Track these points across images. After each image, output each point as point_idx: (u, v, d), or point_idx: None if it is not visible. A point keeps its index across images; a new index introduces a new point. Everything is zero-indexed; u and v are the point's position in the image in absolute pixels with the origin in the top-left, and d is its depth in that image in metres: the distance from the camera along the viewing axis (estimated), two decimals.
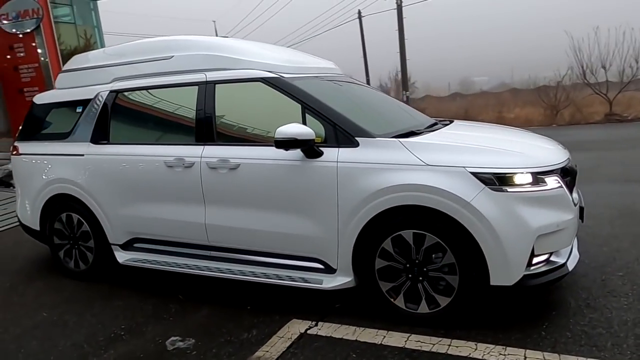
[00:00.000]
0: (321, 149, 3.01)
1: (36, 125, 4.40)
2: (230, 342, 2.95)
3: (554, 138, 3.65)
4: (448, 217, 2.68)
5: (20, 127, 4.52)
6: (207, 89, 3.48)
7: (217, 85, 3.46)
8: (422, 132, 3.21)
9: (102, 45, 16.86)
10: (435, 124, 3.67)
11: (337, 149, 2.99)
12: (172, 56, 3.71)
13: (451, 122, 3.96)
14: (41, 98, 4.44)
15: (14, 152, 4.44)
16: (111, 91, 3.92)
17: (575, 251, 3.03)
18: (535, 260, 2.70)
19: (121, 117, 3.90)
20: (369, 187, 2.85)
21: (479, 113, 23.30)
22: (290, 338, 2.90)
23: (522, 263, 2.63)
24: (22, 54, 9.17)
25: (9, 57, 9.15)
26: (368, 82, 23.90)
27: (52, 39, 9.12)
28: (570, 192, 2.97)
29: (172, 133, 3.73)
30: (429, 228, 2.76)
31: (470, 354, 2.55)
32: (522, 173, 2.67)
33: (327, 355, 2.68)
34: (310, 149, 2.98)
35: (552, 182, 2.72)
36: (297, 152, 3.02)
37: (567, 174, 2.91)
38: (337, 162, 2.95)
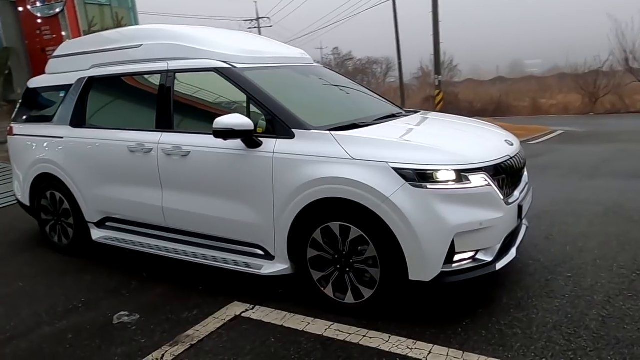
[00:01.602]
0: (261, 139, 3.09)
1: (28, 107, 4.70)
2: (170, 320, 3.12)
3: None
4: (370, 211, 2.72)
5: (16, 109, 4.83)
6: (167, 78, 3.61)
7: (176, 74, 3.58)
8: (367, 125, 3.22)
9: None
10: (393, 115, 3.66)
11: (275, 139, 3.06)
12: (141, 45, 3.85)
13: (416, 112, 3.95)
14: (33, 82, 4.73)
15: (9, 133, 4.76)
16: (88, 77, 4.12)
17: (513, 250, 2.99)
18: (457, 257, 2.71)
19: (95, 102, 4.11)
20: (299, 179, 2.91)
21: (515, 99, 22.53)
22: (224, 319, 3.05)
23: (439, 260, 2.64)
24: (48, 37, 9.67)
25: (37, 39, 9.68)
26: (400, 65, 23.50)
27: (75, 21, 9.57)
28: (508, 189, 2.93)
29: (137, 119, 3.89)
30: (353, 221, 2.80)
31: (379, 345, 2.60)
32: (444, 170, 2.66)
33: (249, 338, 2.81)
34: (249, 139, 3.06)
35: (478, 180, 2.69)
36: (239, 142, 3.12)
37: (502, 172, 2.86)
38: (273, 152, 3.03)
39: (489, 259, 2.79)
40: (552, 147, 9.70)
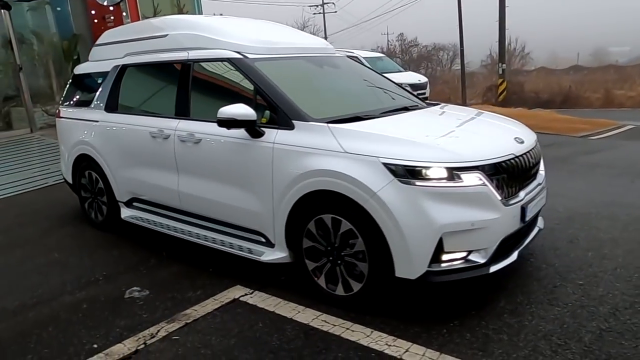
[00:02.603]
0: (263, 129, 3.15)
1: (73, 92, 5.07)
2: (174, 298, 3.30)
3: None
4: (359, 206, 2.71)
5: (63, 94, 5.22)
6: (186, 67, 3.75)
7: (194, 63, 3.72)
8: (370, 117, 3.18)
9: (200, 13, 17.88)
10: (405, 108, 3.58)
11: (276, 130, 3.11)
12: (167, 35, 4.03)
13: (436, 105, 3.86)
14: (78, 69, 5.08)
15: (57, 115, 5.16)
16: (121, 65, 4.37)
17: (514, 253, 2.87)
18: (447, 257, 2.64)
19: (126, 89, 4.35)
20: (295, 170, 2.95)
21: (587, 89, 20.96)
22: (222, 302, 3.17)
23: (424, 258, 2.59)
24: (111, 24, 10.28)
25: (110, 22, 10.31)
26: (462, 52, 22.58)
27: (135, 10, 10.13)
28: (511, 189, 2.80)
29: (160, 106, 4.07)
30: (344, 214, 2.81)
31: (359, 339, 2.61)
32: (435, 167, 2.59)
33: (240, 322, 2.92)
34: (251, 128, 3.14)
35: (472, 179, 2.60)
36: (243, 131, 3.20)
37: (503, 172, 2.73)
38: (273, 142, 3.09)
39: (482, 261, 2.69)
40: (614, 143, 8.98)
